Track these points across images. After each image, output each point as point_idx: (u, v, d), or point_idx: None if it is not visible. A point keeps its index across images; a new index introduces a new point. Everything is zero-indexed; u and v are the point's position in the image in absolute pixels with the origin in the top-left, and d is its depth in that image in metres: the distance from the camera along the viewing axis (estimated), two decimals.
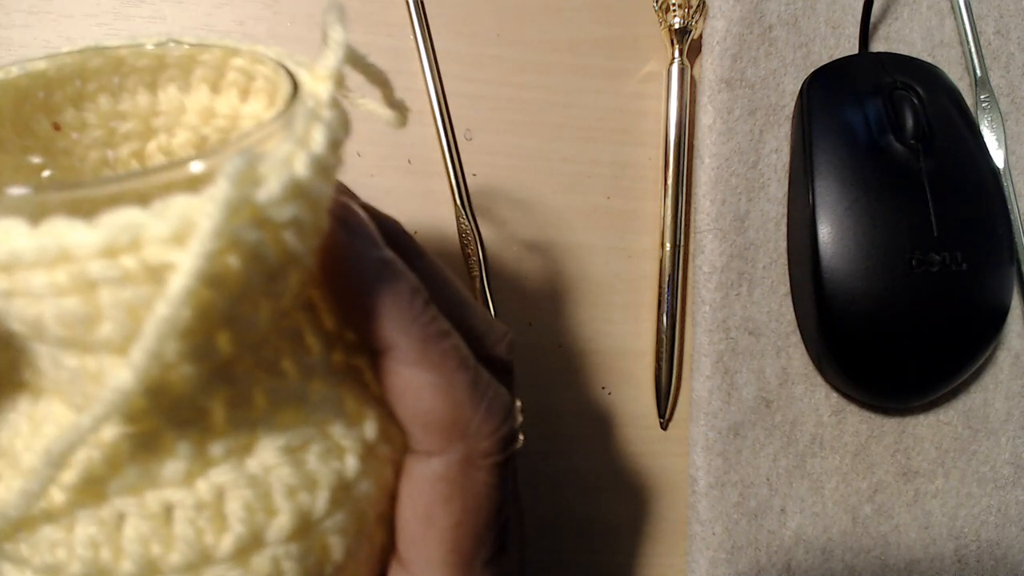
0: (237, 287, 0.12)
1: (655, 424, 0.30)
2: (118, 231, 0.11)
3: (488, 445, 0.16)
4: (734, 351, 0.29)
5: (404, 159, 0.29)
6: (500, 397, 0.17)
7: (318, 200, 0.14)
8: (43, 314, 0.12)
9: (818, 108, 0.29)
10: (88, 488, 0.13)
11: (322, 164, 0.14)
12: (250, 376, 0.14)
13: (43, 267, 0.11)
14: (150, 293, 0.12)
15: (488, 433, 0.16)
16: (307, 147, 0.13)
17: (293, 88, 0.15)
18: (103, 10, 0.28)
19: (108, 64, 0.17)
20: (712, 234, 0.29)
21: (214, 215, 0.11)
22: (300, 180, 0.13)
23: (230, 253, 0.12)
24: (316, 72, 0.15)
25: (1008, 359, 0.30)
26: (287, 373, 0.15)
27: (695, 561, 0.29)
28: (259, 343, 0.14)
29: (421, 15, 0.29)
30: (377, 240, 0.16)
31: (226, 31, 0.29)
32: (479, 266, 0.29)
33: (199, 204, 0.12)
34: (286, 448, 0.14)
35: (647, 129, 0.31)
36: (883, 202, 0.28)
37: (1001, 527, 0.30)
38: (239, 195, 0.12)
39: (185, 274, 0.11)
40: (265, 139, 0.14)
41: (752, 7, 0.30)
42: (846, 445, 0.29)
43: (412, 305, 0.16)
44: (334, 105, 0.15)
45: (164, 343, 0.11)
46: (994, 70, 0.31)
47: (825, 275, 0.27)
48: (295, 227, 0.13)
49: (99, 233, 0.11)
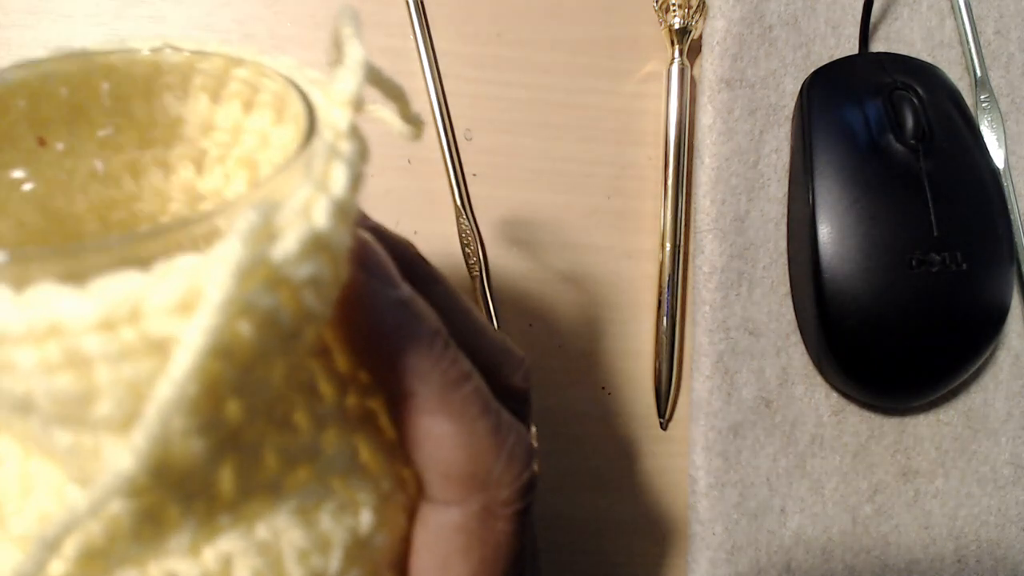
0: (249, 356, 0.11)
1: (655, 424, 0.30)
2: (116, 301, 0.10)
3: (509, 494, 0.16)
4: (734, 351, 0.29)
5: (404, 159, 0.29)
6: (521, 442, 0.16)
7: (339, 251, 0.12)
8: (32, 392, 0.11)
9: (818, 108, 0.29)
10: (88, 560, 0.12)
11: (344, 209, 0.12)
12: (261, 438, 0.13)
13: (31, 342, 0.10)
14: (152, 369, 0.10)
15: (509, 482, 0.15)
16: (327, 191, 0.12)
17: (309, 118, 0.13)
18: (103, 10, 0.28)
19: (97, 71, 0.16)
20: (712, 234, 0.29)
21: (224, 282, 0.10)
22: (320, 232, 0.12)
23: (242, 321, 0.11)
24: (333, 95, 0.14)
25: (1008, 359, 0.30)
26: (299, 427, 0.14)
27: (695, 561, 0.29)
28: (271, 403, 0.13)
29: (421, 15, 0.29)
30: (394, 277, 0.15)
31: (226, 31, 0.29)
32: (479, 266, 0.29)
33: (207, 268, 0.10)
34: (298, 510, 0.13)
35: (647, 129, 0.31)
36: (883, 202, 0.28)
37: (1001, 527, 0.30)
38: (252, 256, 0.10)
39: (191, 350, 0.10)
40: (281, 184, 0.12)
41: (752, 7, 0.30)
42: (846, 445, 0.29)
43: (432, 349, 0.15)
44: (353, 135, 0.13)
45: (169, 424, 0.10)
46: (994, 70, 0.31)
47: (825, 275, 0.27)
48: (314, 285, 0.12)
49: (94, 303, 0.10)
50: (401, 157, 0.29)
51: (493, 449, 0.15)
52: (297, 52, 0.29)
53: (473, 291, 0.29)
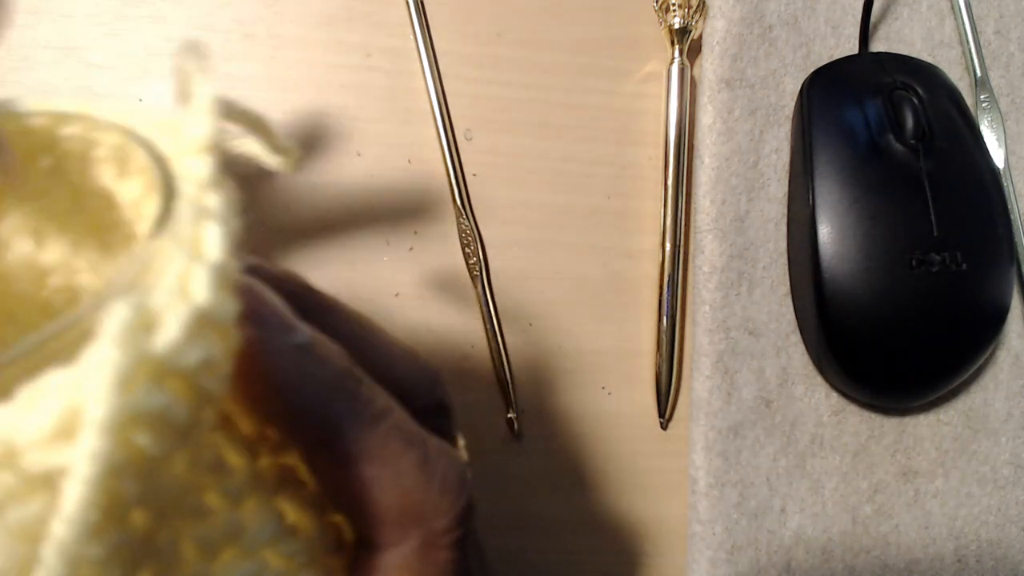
0: (147, 464, 0.10)
1: (655, 424, 0.30)
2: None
3: (446, 523, 0.15)
4: (734, 351, 0.29)
5: (404, 159, 0.29)
6: (452, 466, 0.15)
7: (226, 322, 0.11)
8: None
9: (818, 108, 0.29)
10: None
11: (224, 275, 0.11)
12: (175, 534, 0.12)
13: None
14: (42, 508, 0.09)
15: (445, 510, 0.15)
16: (202, 258, 0.11)
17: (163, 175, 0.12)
18: (103, 10, 0.28)
19: None
20: (712, 234, 0.29)
21: (104, 396, 0.09)
22: (203, 309, 0.10)
23: (133, 432, 0.09)
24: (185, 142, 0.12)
25: (1008, 359, 0.30)
26: (214, 510, 0.12)
27: (695, 561, 0.29)
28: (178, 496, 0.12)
29: (421, 15, 0.29)
30: (289, 322, 0.14)
31: (226, 31, 0.29)
32: (479, 266, 0.29)
33: (80, 382, 0.09)
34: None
35: (647, 129, 0.31)
36: (883, 202, 0.28)
37: (1001, 527, 0.30)
38: (131, 356, 0.09)
39: (82, 480, 0.09)
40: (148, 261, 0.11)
41: (752, 7, 0.30)
42: (846, 445, 0.29)
43: (343, 392, 0.14)
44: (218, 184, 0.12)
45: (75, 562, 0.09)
46: (994, 70, 0.31)
47: (825, 275, 0.27)
48: (206, 367, 0.11)
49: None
50: (401, 157, 0.29)
51: (423, 483, 0.14)
52: (297, 52, 0.29)
53: (473, 291, 0.29)
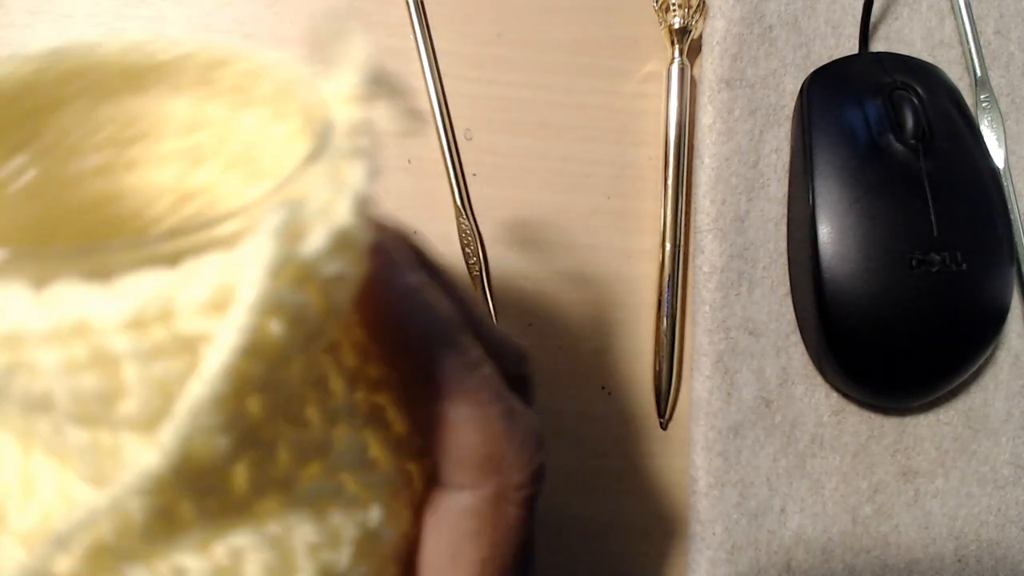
0: (276, 354, 0.11)
1: (655, 424, 0.30)
2: (146, 300, 0.10)
3: (521, 479, 0.16)
4: (734, 351, 0.29)
5: (404, 159, 0.29)
6: (532, 428, 0.16)
7: (361, 246, 0.12)
8: (53, 391, 0.10)
9: (818, 108, 0.29)
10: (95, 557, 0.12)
11: (364, 204, 0.12)
12: (276, 434, 0.13)
13: (55, 342, 0.10)
14: (183, 367, 0.10)
15: (521, 466, 0.16)
16: (348, 187, 0.12)
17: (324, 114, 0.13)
18: (103, 10, 0.28)
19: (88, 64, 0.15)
20: (712, 234, 0.29)
21: (257, 280, 0.10)
22: (345, 229, 0.12)
23: (272, 320, 0.11)
24: (336, 91, 0.14)
25: (1008, 359, 0.30)
26: (311, 423, 0.14)
27: (695, 561, 0.29)
28: (287, 400, 0.13)
29: (421, 15, 0.29)
30: (409, 264, 0.15)
31: (226, 31, 0.29)
32: (479, 266, 0.29)
33: (238, 266, 0.10)
34: (310, 505, 0.13)
35: (647, 129, 0.31)
36: (883, 202, 0.28)
37: (1001, 527, 0.30)
38: (283, 253, 0.10)
39: (225, 349, 0.10)
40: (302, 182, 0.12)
41: (752, 7, 0.30)
42: (846, 445, 0.29)
43: (447, 335, 0.15)
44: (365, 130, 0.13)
45: (198, 423, 0.10)
46: (994, 70, 0.31)
47: (825, 275, 0.27)
48: (340, 282, 0.12)
49: (123, 303, 0.10)
50: (401, 157, 0.29)
51: (506, 434, 0.15)
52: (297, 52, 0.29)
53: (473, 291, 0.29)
